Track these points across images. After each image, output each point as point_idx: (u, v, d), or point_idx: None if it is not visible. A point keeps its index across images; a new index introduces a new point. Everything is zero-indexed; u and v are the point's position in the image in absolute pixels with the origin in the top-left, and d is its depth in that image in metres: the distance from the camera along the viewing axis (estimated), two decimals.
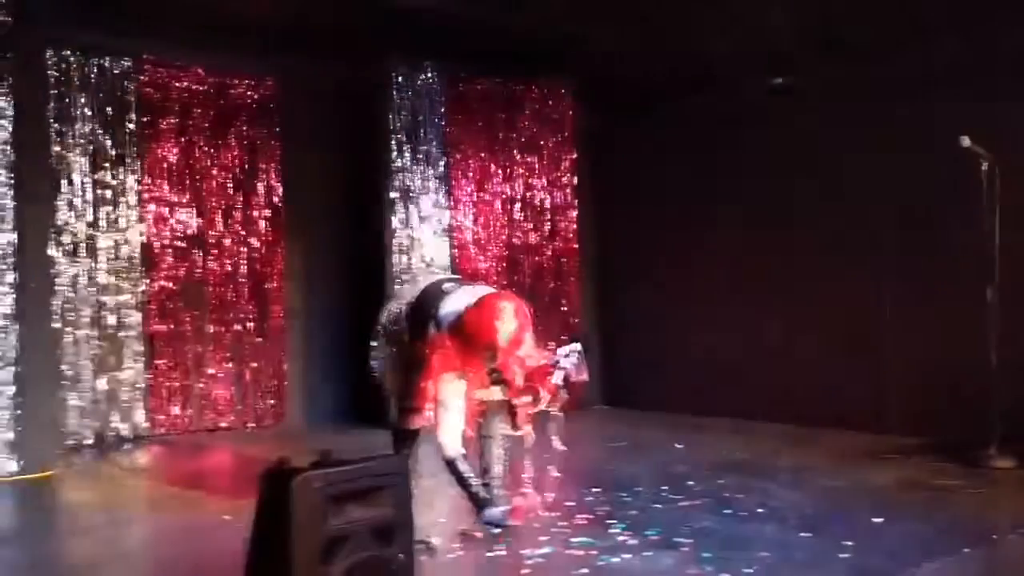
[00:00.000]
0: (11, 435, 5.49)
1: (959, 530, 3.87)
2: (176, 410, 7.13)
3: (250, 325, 7.47)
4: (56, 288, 6.55)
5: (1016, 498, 4.43)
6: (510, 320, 3.82)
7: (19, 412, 5.51)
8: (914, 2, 5.93)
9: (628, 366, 8.23)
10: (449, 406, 3.89)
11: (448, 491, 4.17)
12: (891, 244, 6.37)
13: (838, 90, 6.56)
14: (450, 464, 3.91)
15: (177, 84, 7.22)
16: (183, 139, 7.23)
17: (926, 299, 6.15)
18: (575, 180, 8.33)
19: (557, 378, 4.02)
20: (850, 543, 3.67)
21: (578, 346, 4.18)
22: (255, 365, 7.48)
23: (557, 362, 4.05)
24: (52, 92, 6.59)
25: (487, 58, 7.68)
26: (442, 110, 7.66)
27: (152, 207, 7.09)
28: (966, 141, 5.19)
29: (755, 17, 6.55)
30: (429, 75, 7.60)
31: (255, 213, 7.53)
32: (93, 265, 6.80)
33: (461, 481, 3.94)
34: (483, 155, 7.90)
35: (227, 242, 7.40)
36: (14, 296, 5.59)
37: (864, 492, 4.63)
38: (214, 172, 7.36)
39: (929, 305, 6.12)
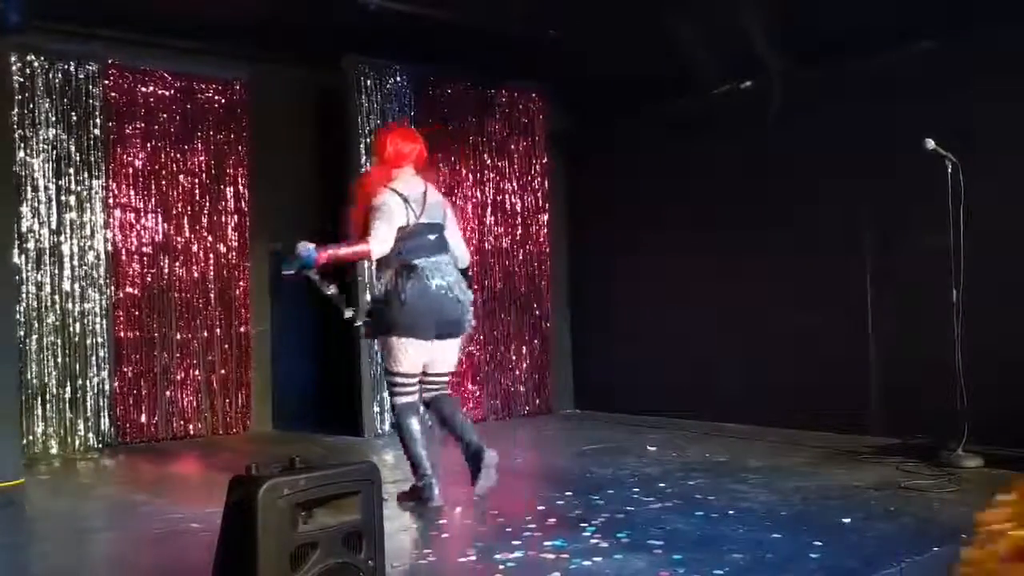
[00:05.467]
0: None
1: (928, 530, 3.90)
2: (143, 418, 7.06)
3: (218, 331, 7.41)
4: (20, 295, 6.46)
5: (983, 497, 4.46)
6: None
7: None
8: (885, 4, 5.98)
9: (600, 369, 8.24)
10: None
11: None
12: (866, 245, 6.42)
13: (810, 92, 6.60)
14: None
15: (143, 88, 7.15)
16: (149, 144, 7.15)
17: (901, 299, 6.20)
18: (546, 184, 8.33)
19: None
20: (820, 544, 3.69)
21: None
22: (223, 371, 7.42)
23: None
24: (16, 98, 6.48)
25: (457, 61, 7.66)
26: (412, 113, 7.62)
27: (118, 213, 7.01)
28: (930, 144, 5.25)
29: (726, 20, 6.59)
30: (398, 78, 7.56)
31: (223, 218, 7.47)
32: (57, 272, 6.71)
33: None
34: (453, 159, 7.87)
35: (194, 248, 7.33)
36: None
37: (835, 493, 4.66)
38: (181, 177, 7.29)
39: (905, 305, 6.17)
